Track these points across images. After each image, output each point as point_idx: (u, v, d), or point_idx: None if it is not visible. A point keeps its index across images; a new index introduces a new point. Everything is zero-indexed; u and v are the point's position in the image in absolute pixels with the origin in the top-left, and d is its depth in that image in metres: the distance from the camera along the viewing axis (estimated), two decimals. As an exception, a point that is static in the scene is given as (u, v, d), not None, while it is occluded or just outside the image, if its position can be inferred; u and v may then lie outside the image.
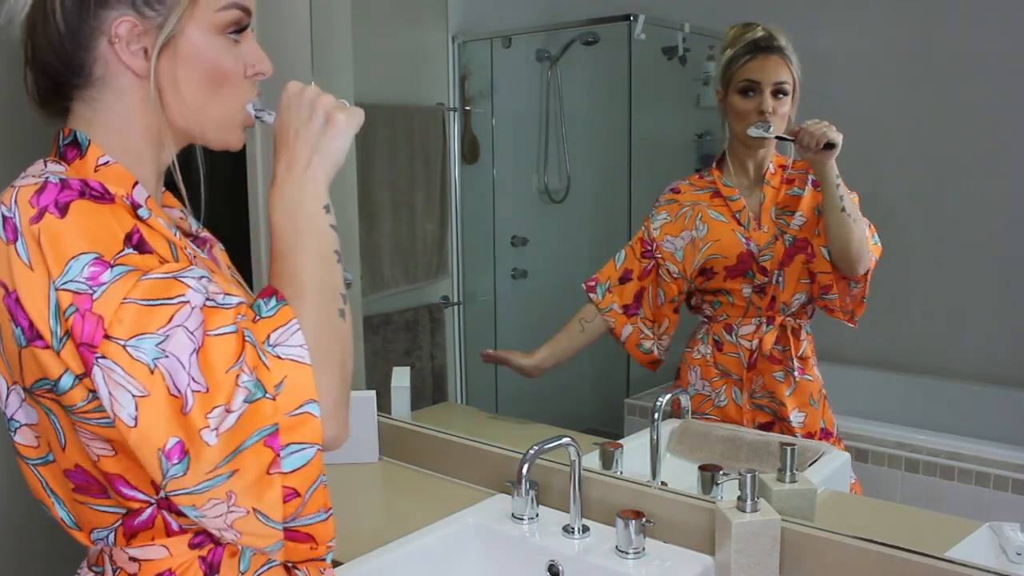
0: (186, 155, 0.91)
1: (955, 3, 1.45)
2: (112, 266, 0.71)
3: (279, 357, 0.73)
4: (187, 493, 0.71)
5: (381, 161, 2.02)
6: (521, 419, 1.92)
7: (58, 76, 0.82)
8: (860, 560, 1.17)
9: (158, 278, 0.72)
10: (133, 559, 0.80)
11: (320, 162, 0.83)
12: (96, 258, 0.71)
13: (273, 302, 0.76)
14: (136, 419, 0.69)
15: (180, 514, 0.78)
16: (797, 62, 1.45)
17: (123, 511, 0.79)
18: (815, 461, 1.41)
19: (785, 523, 1.22)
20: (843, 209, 1.39)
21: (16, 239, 0.71)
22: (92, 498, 0.79)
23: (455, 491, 1.60)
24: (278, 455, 0.72)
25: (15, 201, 0.73)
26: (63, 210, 0.72)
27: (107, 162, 0.81)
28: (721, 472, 1.38)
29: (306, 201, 0.81)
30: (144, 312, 0.70)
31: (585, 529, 1.37)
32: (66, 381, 0.72)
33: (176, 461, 0.69)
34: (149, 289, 0.71)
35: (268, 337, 0.73)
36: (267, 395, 0.71)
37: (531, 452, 1.32)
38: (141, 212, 0.78)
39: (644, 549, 1.30)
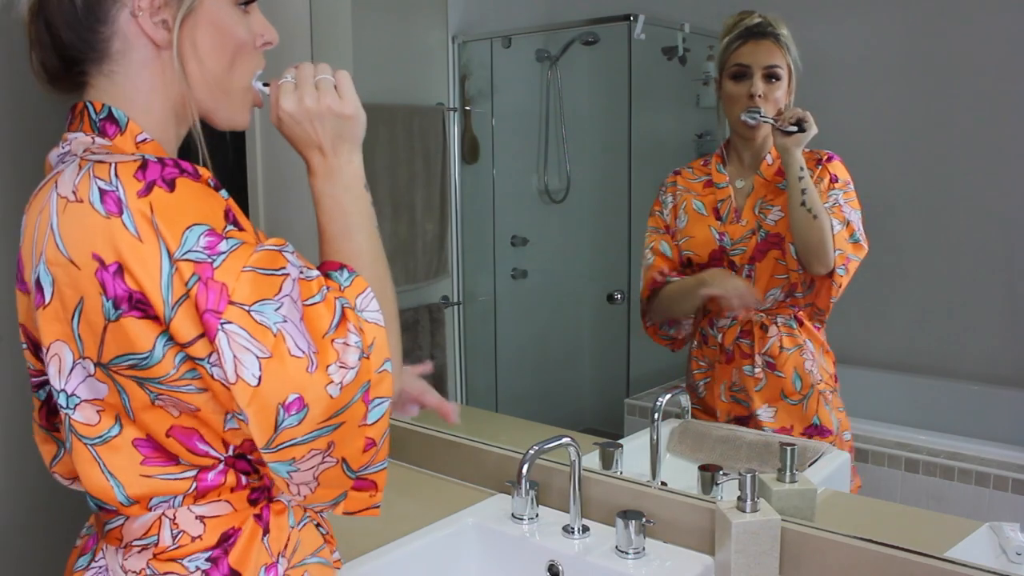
0: (183, 146, 0.91)
1: (955, 3, 1.45)
2: (225, 238, 0.75)
3: (367, 321, 0.80)
4: (293, 444, 0.76)
5: (381, 161, 2.02)
6: (521, 419, 1.92)
7: (74, 52, 0.83)
8: (860, 560, 1.17)
9: (268, 250, 0.77)
10: (199, 518, 0.83)
11: (352, 145, 0.89)
12: (209, 229, 0.74)
13: (346, 273, 0.83)
14: (259, 378, 0.73)
15: (245, 473, 0.84)
16: (794, 50, 1.44)
17: (194, 472, 0.82)
18: (815, 461, 1.41)
19: (785, 523, 1.22)
20: (803, 203, 1.39)
21: (121, 212, 0.73)
22: (162, 467, 0.81)
23: (455, 491, 1.60)
24: (368, 409, 0.79)
25: (116, 175, 0.74)
26: (171, 185, 0.75)
27: (146, 139, 0.84)
28: (721, 472, 1.38)
29: (353, 185, 0.88)
30: (261, 280, 0.75)
31: (585, 529, 1.37)
32: (158, 352, 0.75)
33: (294, 413, 0.74)
34: (262, 260, 0.76)
35: (355, 303, 0.81)
36: (364, 355, 0.78)
37: (531, 452, 1.32)
38: (222, 192, 0.80)
39: (644, 549, 1.30)
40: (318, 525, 0.95)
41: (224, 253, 0.74)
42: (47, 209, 0.77)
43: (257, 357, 0.73)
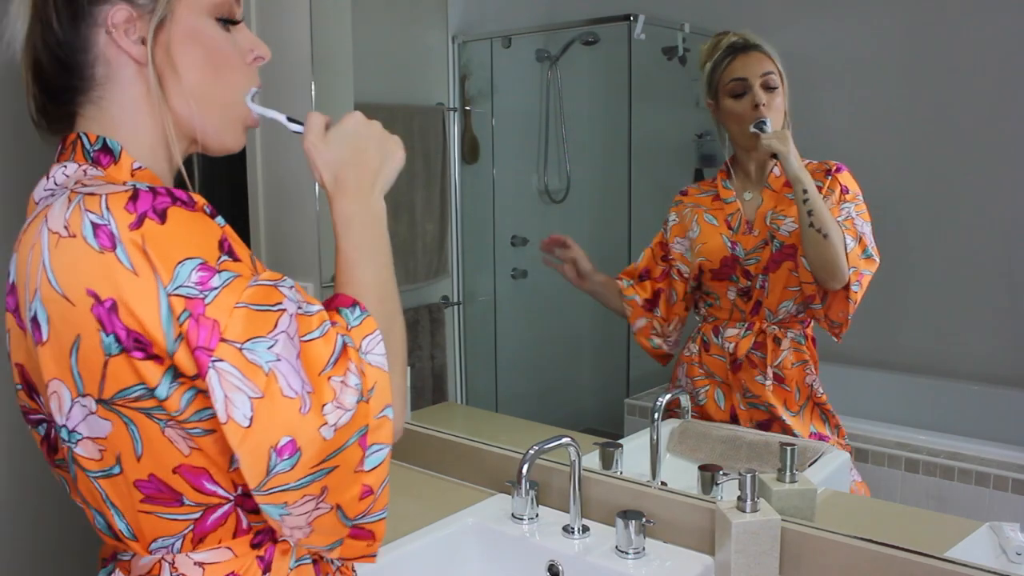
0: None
1: (954, 4, 1.45)
2: (218, 271, 0.73)
3: (370, 364, 0.78)
4: (284, 490, 0.73)
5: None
6: (521, 419, 1.92)
7: (62, 83, 0.83)
8: (860, 560, 1.17)
9: (262, 285, 0.75)
10: (198, 564, 0.81)
11: (382, 186, 0.90)
12: (202, 263, 0.72)
13: (358, 311, 0.80)
14: (251, 419, 0.71)
15: (253, 512, 0.81)
16: (778, 58, 1.45)
17: (196, 516, 0.80)
18: (815, 461, 1.41)
19: (785, 523, 1.22)
20: (811, 225, 1.38)
21: (115, 247, 0.71)
22: (163, 507, 0.79)
23: (455, 491, 1.60)
24: (364, 455, 0.76)
25: (107, 208, 0.72)
26: (162, 216, 0.72)
27: (140, 167, 0.82)
28: (721, 472, 1.38)
29: (376, 222, 0.88)
30: (254, 316, 0.73)
31: (585, 529, 1.37)
32: (163, 390, 0.73)
33: (286, 457, 0.72)
34: (256, 295, 0.74)
35: (360, 345, 0.78)
36: (363, 398, 0.76)
37: (531, 452, 1.32)
38: (218, 220, 0.78)
39: (644, 549, 1.30)
40: (315, 562, 0.91)
41: (216, 289, 0.72)
42: (38, 245, 0.74)
43: (249, 397, 0.71)
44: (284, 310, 0.75)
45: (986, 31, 1.41)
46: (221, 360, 0.71)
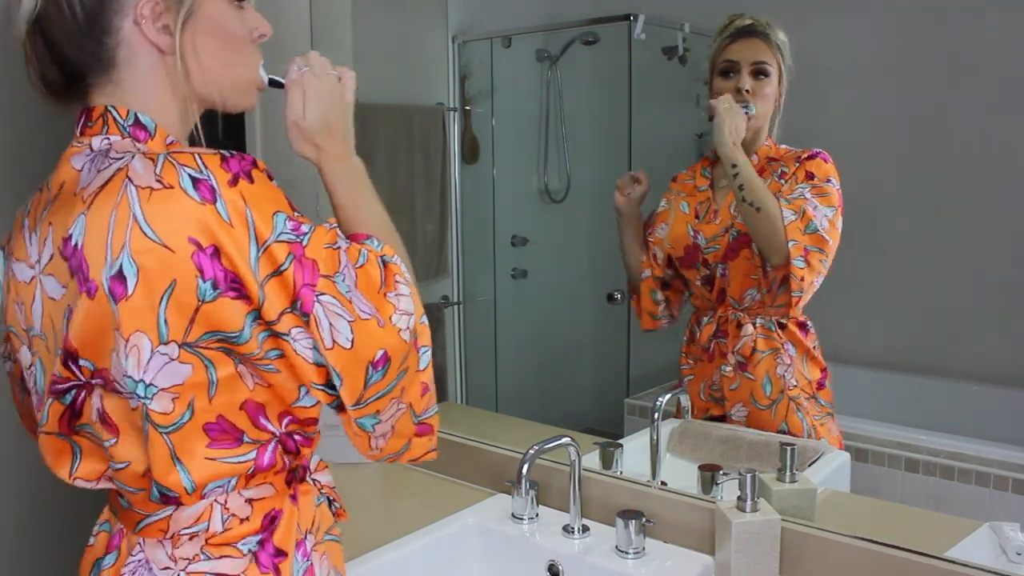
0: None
1: (955, 4, 1.45)
2: (302, 221, 0.82)
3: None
4: (378, 397, 0.84)
5: (381, 161, 2.02)
6: (521, 419, 1.92)
7: (79, 66, 0.86)
8: (860, 560, 1.17)
9: (330, 228, 0.85)
10: (248, 501, 0.88)
11: (352, 141, 1.00)
12: (289, 215, 0.81)
13: (375, 241, 0.91)
14: (353, 341, 0.81)
15: (290, 452, 0.89)
16: (784, 48, 1.45)
17: (252, 455, 0.87)
18: (815, 461, 1.41)
19: (785, 523, 1.22)
20: (744, 199, 1.41)
21: (215, 200, 0.77)
22: (225, 449, 0.85)
23: (455, 491, 1.60)
24: (419, 355, 0.88)
25: (204, 165, 0.78)
26: (249, 177, 0.80)
27: (173, 142, 0.88)
28: (721, 472, 1.38)
29: (362, 174, 0.99)
30: (334, 255, 0.83)
31: (585, 529, 1.37)
32: (247, 332, 0.80)
33: (381, 368, 0.83)
34: (332, 237, 0.84)
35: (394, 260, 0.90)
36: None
37: (531, 452, 1.32)
38: (275, 182, 0.84)
39: (644, 549, 1.30)
40: (332, 501, 1.01)
41: (307, 234, 0.81)
42: (124, 202, 0.78)
43: (348, 321, 0.81)
44: (340, 247, 0.84)
45: (983, 29, 1.41)
46: (324, 293, 0.80)
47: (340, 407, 0.85)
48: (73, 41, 0.84)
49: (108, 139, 0.86)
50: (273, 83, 0.98)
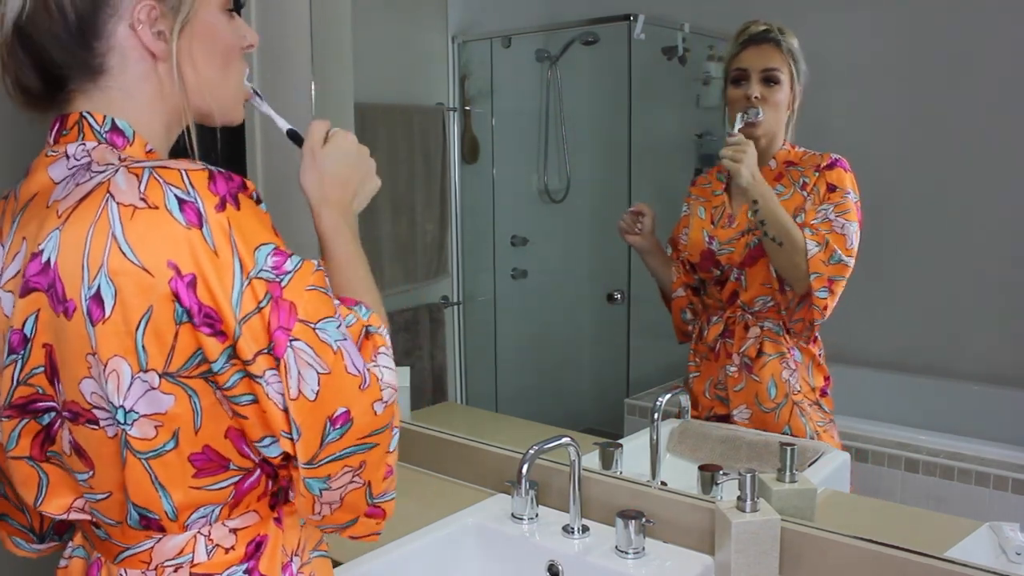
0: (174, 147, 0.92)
1: (954, 4, 1.45)
2: (289, 255, 0.78)
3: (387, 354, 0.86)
4: (331, 460, 0.78)
5: (381, 161, 2.00)
6: (521, 419, 1.92)
7: (64, 70, 0.82)
8: (860, 560, 1.17)
9: (317, 269, 0.80)
10: (232, 530, 0.85)
11: (358, 206, 1.00)
12: (275, 248, 0.77)
13: (363, 308, 0.86)
14: (317, 394, 0.76)
15: (272, 476, 0.86)
16: (797, 54, 1.44)
17: (236, 479, 0.83)
18: (815, 461, 1.41)
19: (785, 523, 1.22)
20: (766, 234, 1.42)
21: (201, 225, 0.74)
22: (211, 477, 0.82)
23: (455, 491, 1.60)
24: (392, 436, 0.83)
25: (192, 185, 0.75)
26: (236, 202, 0.76)
27: (151, 151, 0.85)
28: (721, 472, 1.38)
29: (356, 235, 0.96)
30: (323, 298, 0.78)
31: (585, 529, 1.37)
32: (220, 365, 0.76)
33: (339, 427, 0.78)
34: (321, 278, 0.80)
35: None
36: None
37: (531, 452, 1.32)
38: (262, 206, 0.81)
39: (644, 549, 1.30)
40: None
41: (290, 272, 0.77)
42: (104, 218, 0.74)
43: (318, 373, 0.76)
44: (328, 292, 0.80)
45: (985, 30, 1.41)
46: (298, 339, 0.75)
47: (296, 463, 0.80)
48: (60, 45, 0.81)
49: (84, 145, 0.82)
50: (292, 135, 0.98)
